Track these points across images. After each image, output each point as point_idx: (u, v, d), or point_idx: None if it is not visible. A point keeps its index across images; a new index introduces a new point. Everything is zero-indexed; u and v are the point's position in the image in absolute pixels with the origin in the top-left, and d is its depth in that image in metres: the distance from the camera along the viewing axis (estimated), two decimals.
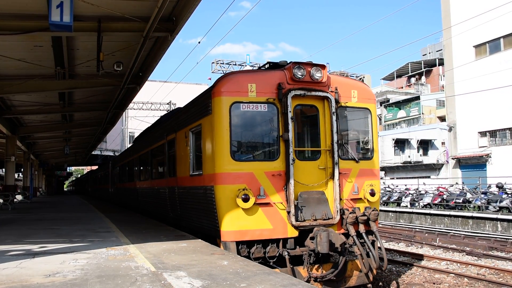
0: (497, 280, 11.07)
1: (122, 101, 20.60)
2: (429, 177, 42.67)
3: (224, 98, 8.22)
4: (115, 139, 56.86)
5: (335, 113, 8.75)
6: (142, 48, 12.40)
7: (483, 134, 35.17)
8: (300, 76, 8.55)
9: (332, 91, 8.85)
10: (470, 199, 23.96)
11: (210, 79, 53.38)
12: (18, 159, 32.15)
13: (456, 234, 18.93)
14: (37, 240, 9.70)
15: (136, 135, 54.54)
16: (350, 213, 8.57)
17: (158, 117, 18.38)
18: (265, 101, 8.37)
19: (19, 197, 33.18)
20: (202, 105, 9.07)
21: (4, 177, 28.40)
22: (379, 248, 8.85)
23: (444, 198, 25.30)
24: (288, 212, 8.19)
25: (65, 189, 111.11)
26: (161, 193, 13.15)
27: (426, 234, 18.98)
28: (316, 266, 8.44)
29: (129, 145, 49.28)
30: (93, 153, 49.42)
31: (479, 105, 33.95)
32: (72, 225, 13.17)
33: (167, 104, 44.57)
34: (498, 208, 21.38)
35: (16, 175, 35.70)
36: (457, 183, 31.31)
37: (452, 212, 22.46)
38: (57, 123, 27.30)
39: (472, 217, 21.13)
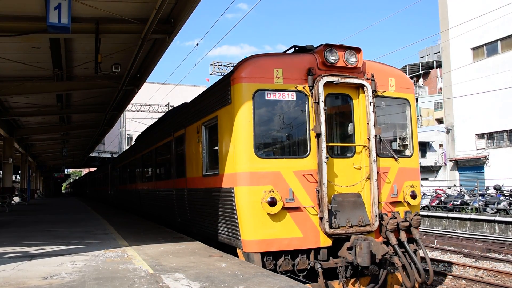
0: (494, 282, 11.07)
1: (120, 103, 20.60)
2: (427, 179, 42.73)
3: (246, 85, 7.18)
4: (113, 141, 56.75)
5: (372, 104, 7.72)
6: (140, 50, 12.40)
7: (480, 136, 35.22)
8: (332, 61, 7.53)
9: (368, 79, 7.81)
10: (468, 201, 24.02)
11: (208, 80, 53.44)
12: (16, 161, 32.07)
13: (454, 236, 18.95)
14: (34, 242, 9.67)
15: (134, 137, 54.49)
16: (391, 218, 7.59)
17: (156, 119, 17.75)
18: (294, 89, 7.34)
19: (16, 199, 33.10)
20: (219, 94, 8.03)
21: (2, 179, 28.34)
22: (422, 258, 7.86)
23: (442, 200, 25.36)
24: (321, 218, 7.16)
25: (63, 191, 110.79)
26: (168, 196, 12.20)
27: (424, 236, 18.98)
28: (352, 280, 7.44)
29: (127, 147, 49.27)
30: (91, 155, 49.40)
31: (476, 107, 34.02)
32: (70, 227, 13.13)
33: (165, 106, 44.53)
34: (495, 210, 21.42)
35: (13, 177, 35.58)
36: (455, 185, 31.35)
37: (450, 214, 22.50)
38: (55, 125, 27.28)
39: (470, 219, 21.17)
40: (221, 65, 36.31)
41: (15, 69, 14.74)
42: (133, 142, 44.56)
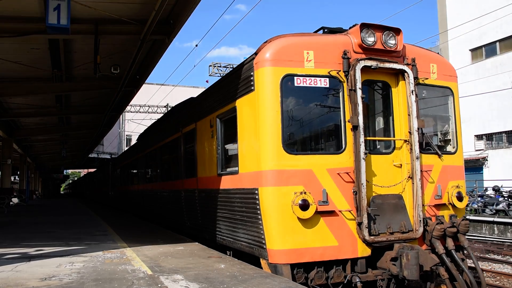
0: (493, 283, 11.08)
1: (119, 104, 20.58)
2: None
3: (272, 69, 6.30)
4: (112, 142, 56.68)
5: (414, 92, 6.85)
6: (139, 51, 12.39)
7: (479, 137, 35.26)
8: (370, 43, 6.68)
9: (408, 64, 6.98)
10: (467, 202, 23.99)
11: (207, 81, 53.44)
12: (15, 162, 32.03)
13: None
14: (33, 243, 9.65)
15: (133, 137, 54.51)
16: (437, 223, 6.71)
17: (156, 120, 17.45)
18: (327, 75, 6.48)
19: (15, 200, 33.05)
20: (239, 81, 7.16)
21: (0, 180, 28.31)
22: (471, 268, 7.22)
23: None
24: (359, 224, 6.30)
25: (62, 192, 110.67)
26: (175, 197, 11.21)
27: None
28: None
29: (126, 148, 49.24)
30: (90, 156, 49.31)
31: (475, 109, 34.07)
32: (68, 228, 13.12)
33: (164, 107, 44.53)
34: (494, 211, 21.43)
35: (12, 178, 35.55)
36: None
37: None
38: (54, 126, 27.25)
39: (468, 220, 21.15)
40: (220, 66, 36.35)
41: (14, 70, 14.73)
42: (132, 143, 44.48)
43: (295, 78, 6.37)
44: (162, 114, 24.78)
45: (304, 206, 6.05)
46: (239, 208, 7.10)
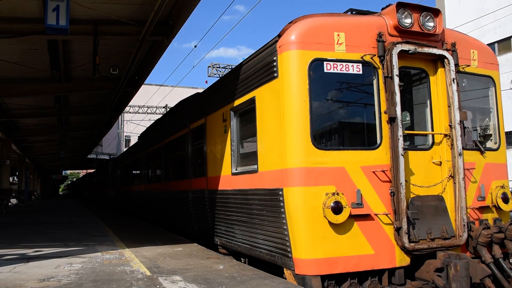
0: None
1: (118, 104, 20.57)
2: None
3: (300, 53, 5.63)
4: (111, 142, 56.66)
5: (455, 80, 6.17)
6: (138, 51, 12.40)
7: None
8: (407, 25, 6.00)
9: (448, 49, 6.29)
10: None
11: (206, 82, 53.46)
12: (13, 162, 32.03)
13: None
14: (31, 244, 9.64)
15: (132, 138, 54.50)
16: (483, 228, 5.99)
17: (155, 120, 17.16)
18: (360, 60, 5.82)
19: (14, 201, 33.02)
20: (258, 67, 6.45)
21: None
22: None
23: None
24: (398, 229, 5.63)
25: (60, 193, 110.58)
26: (182, 198, 10.56)
27: None
28: None
29: (125, 149, 49.22)
30: (88, 156, 49.32)
31: None
32: (67, 229, 13.10)
33: (163, 107, 44.53)
34: None
35: (11, 179, 35.52)
36: None
37: None
38: (52, 127, 27.24)
39: None
40: (219, 67, 36.38)
41: (13, 70, 14.73)
42: (131, 144, 44.41)
43: (325, 63, 5.68)
44: (161, 115, 24.74)
45: (337, 209, 5.39)
46: (259, 211, 6.42)
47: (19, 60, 13.72)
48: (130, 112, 44.49)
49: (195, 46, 25.98)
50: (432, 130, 6.25)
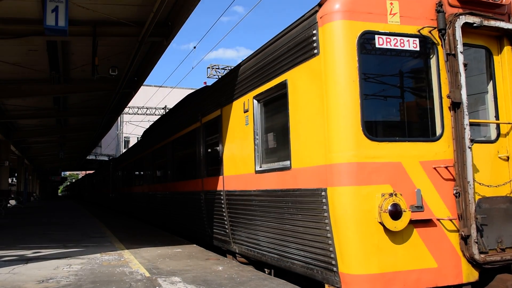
0: None
1: (117, 105, 20.56)
2: None
3: (347, 24, 4.71)
4: (110, 143, 56.63)
5: None
6: (138, 52, 12.39)
7: None
8: None
9: None
10: None
11: (205, 83, 53.38)
12: (12, 163, 32.00)
13: None
14: (30, 245, 9.63)
15: (131, 139, 54.46)
16: None
17: (159, 117, 16.41)
18: (416, 34, 4.92)
19: (12, 202, 32.99)
20: (292, 45, 5.49)
21: None
22: None
23: None
24: (465, 237, 4.72)
25: (60, 194, 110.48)
26: (192, 200, 9.60)
27: None
28: None
29: (124, 150, 49.18)
30: (88, 157, 49.30)
31: None
32: (66, 230, 13.10)
33: (163, 108, 44.55)
34: None
35: (10, 180, 35.49)
36: None
37: None
38: (51, 128, 27.21)
39: None
40: (218, 68, 36.40)
41: (12, 71, 14.71)
42: (130, 145, 44.36)
43: (377, 36, 4.77)
44: (160, 116, 24.63)
45: (396, 213, 4.46)
46: (292, 216, 5.47)
47: (18, 61, 13.71)
48: (129, 113, 44.47)
49: (194, 47, 26.02)
50: (497, 118, 5.28)
